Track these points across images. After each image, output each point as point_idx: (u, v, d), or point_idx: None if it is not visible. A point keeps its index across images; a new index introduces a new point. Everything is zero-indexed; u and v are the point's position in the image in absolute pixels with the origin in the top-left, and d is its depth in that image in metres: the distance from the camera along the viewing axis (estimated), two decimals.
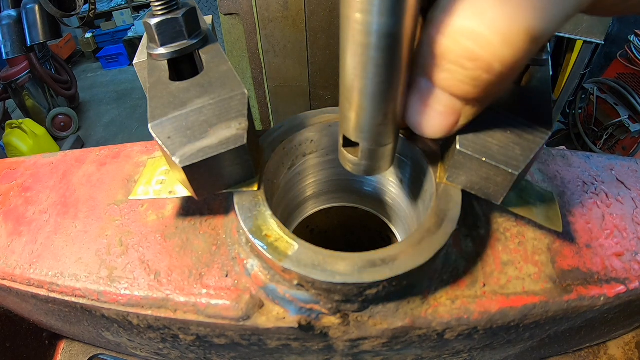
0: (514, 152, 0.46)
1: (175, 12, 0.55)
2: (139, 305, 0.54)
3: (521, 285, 0.53)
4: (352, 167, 0.49)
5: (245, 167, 0.51)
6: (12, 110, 5.04)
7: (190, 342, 0.60)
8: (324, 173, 0.74)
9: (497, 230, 0.58)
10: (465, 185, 0.51)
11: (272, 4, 1.63)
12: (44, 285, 0.58)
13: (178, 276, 0.55)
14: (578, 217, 0.61)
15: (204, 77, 0.54)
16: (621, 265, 0.56)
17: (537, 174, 0.68)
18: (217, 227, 0.59)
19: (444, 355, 0.67)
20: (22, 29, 2.73)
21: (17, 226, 0.66)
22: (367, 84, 0.36)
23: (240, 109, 0.50)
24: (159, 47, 0.56)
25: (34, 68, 4.47)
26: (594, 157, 0.71)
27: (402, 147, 0.62)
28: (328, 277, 0.44)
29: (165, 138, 0.48)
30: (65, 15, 2.34)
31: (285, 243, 0.47)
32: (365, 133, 0.42)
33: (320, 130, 0.64)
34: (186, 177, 0.48)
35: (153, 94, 0.52)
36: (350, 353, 0.59)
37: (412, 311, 0.50)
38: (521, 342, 0.66)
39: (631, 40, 3.21)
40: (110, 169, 0.72)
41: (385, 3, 0.30)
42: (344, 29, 0.33)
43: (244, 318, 0.51)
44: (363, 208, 0.84)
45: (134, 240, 0.60)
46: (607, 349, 0.86)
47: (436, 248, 0.46)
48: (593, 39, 2.27)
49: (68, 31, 6.34)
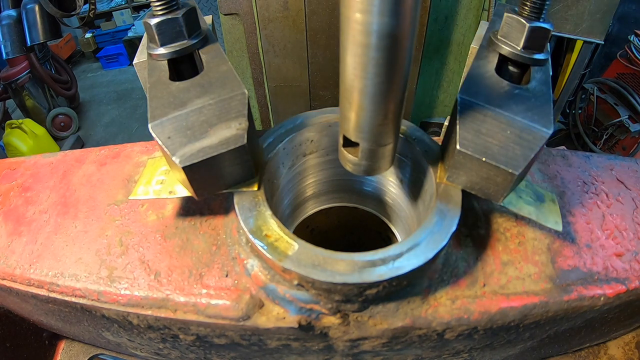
0: (514, 152, 0.46)
1: (175, 12, 0.54)
2: (139, 305, 0.54)
3: (521, 285, 0.53)
4: (352, 167, 0.49)
5: (245, 167, 0.51)
6: (12, 110, 5.04)
7: (190, 342, 0.60)
8: (324, 173, 0.74)
9: (497, 230, 0.58)
10: (466, 185, 0.51)
11: (272, 4, 1.63)
12: (44, 285, 0.58)
13: (178, 276, 0.55)
14: (578, 217, 0.61)
15: (204, 77, 0.54)
16: (621, 265, 0.56)
17: (537, 174, 0.68)
18: (217, 227, 0.59)
19: (444, 355, 0.67)
20: (22, 29, 2.73)
21: (17, 226, 0.66)
22: (367, 84, 0.36)
23: (240, 109, 0.50)
24: (159, 47, 0.56)
25: (34, 68, 4.46)
26: (594, 157, 0.71)
27: (402, 147, 0.62)
28: (328, 277, 0.44)
29: (165, 138, 0.48)
30: (65, 15, 2.34)
31: (285, 243, 0.47)
32: (365, 133, 0.42)
33: (320, 130, 0.64)
34: (186, 177, 0.48)
35: (153, 94, 0.52)
36: (350, 353, 0.59)
37: (412, 311, 0.50)
38: (521, 342, 0.66)
39: (631, 40, 3.21)
40: (110, 169, 0.72)
41: (385, 3, 0.30)
42: (344, 29, 0.33)
43: (244, 318, 0.51)
44: (363, 208, 0.84)
45: (134, 240, 0.60)
46: (607, 349, 0.86)
47: (436, 248, 0.46)
48: (593, 39, 2.27)
49: (68, 31, 6.34)
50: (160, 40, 0.55)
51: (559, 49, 2.86)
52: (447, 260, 0.54)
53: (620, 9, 3.11)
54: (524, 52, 0.56)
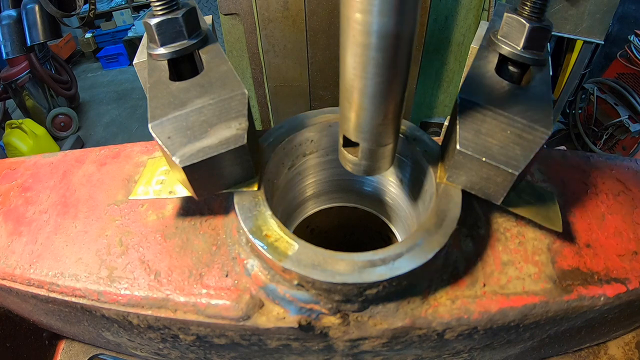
0: (514, 152, 0.46)
1: (175, 12, 0.54)
2: (139, 305, 0.54)
3: (521, 285, 0.53)
4: (352, 167, 0.49)
5: (245, 167, 0.51)
6: (12, 110, 5.04)
7: (190, 342, 0.60)
8: (324, 173, 0.74)
9: (497, 230, 0.58)
10: (465, 185, 0.51)
11: (272, 4, 1.63)
12: (44, 285, 0.58)
13: (178, 276, 0.55)
14: (578, 217, 0.61)
15: (204, 77, 0.54)
16: (621, 265, 0.56)
17: (537, 174, 0.68)
18: (217, 227, 0.59)
19: (444, 355, 0.67)
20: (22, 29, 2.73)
21: (17, 226, 0.66)
22: (367, 84, 0.36)
23: (240, 109, 0.50)
24: (159, 47, 0.56)
25: (34, 68, 4.46)
26: (594, 157, 0.71)
27: (402, 147, 0.62)
28: (328, 277, 0.44)
29: (165, 138, 0.48)
30: (65, 15, 2.34)
31: (285, 243, 0.47)
32: (365, 133, 0.42)
33: (320, 130, 0.64)
34: (186, 177, 0.48)
35: (153, 94, 0.52)
36: (350, 353, 0.59)
37: (412, 311, 0.50)
38: (521, 342, 0.66)
39: (631, 40, 3.21)
40: (110, 169, 0.72)
41: (385, 3, 0.30)
42: (344, 29, 0.33)
43: (244, 318, 0.51)
44: (363, 208, 0.84)
45: (134, 240, 0.60)
46: (607, 349, 0.86)
47: (436, 248, 0.46)
48: (593, 39, 2.26)
49: (68, 31, 6.34)
50: (160, 40, 0.55)
51: (559, 49, 2.86)
52: (447, 260, 0.54)
53: (620, 9, 3.11)
54: (524, 52, 0.56)
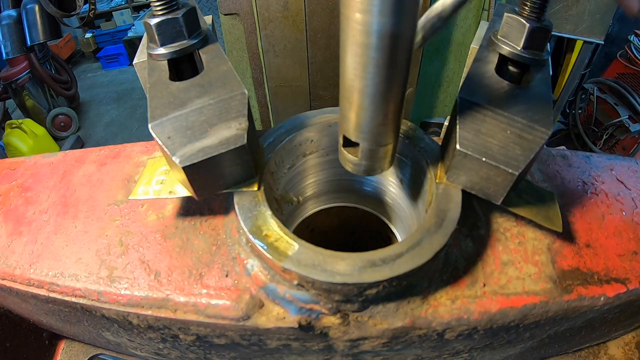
0: (514, 152, 0.46)
1: (175, 12, 0.54)
2: (139, 305, 0.54)
3: (521, 285, 0.53)
4: (352, 167, 0.49)
5: (245, 167, 0.51)
6: (12, 110, 5.04)
7: (190, 342, 0.60)
8: (324, 173, 0.74)
9: (497, 230, 0.58)
10: (465, 185, 0.51)
11: (272, 4, 1.63)
12: (44, 285, 0.58)
13: (178, 276, 0.55)
14: (578, 217, 0.61)
15: (204, 77, 0.54)
16: (621, 265, 0.56)
17: (537, 174, 0.68)
18: (217, 227, 0.59)
19: (444, 355, 0.67)
20: (22, 29, 2.74)
21: (17, 226, 0.66)
22: (367, 84, 0.36)
23: (240, 109, 0.50)
24: (159, 47, 0.56)
25: (34, 68, 4.46)
26: (594, 157, 0.71)
27: (402, 147, 0.62)
28: (328, 277, 0.44)
29: (165, 138, 0.48)
30: (65, 15, 2.34)
31: (285, 243, 0.47)
32: (365, 133, 0.42)
33: (320, 130, 0.64)
34: (186, 177, 0.48)
35: (153, 94, 0.52)
36: (350, 353, 0.59)
37: (412, 311, 0.50)
38: (521, 342, 0.66)
39: (631, 40, 3.21)
40: (110, 169, 0.72)
41: (385, 3, 0.30)
42: (344, 29, 0.33)
43: (244, 318, 0.51)
44: (363, 208, 0.84)
45: (134, 240, 0.60)
46: (607, 349, 0.86)
47: (436, 248, 0.46)
48: (593, 39, 2.27)
49: (68, 31, 6.34)
50: (160, 40, 0.55)
51: (559, 49, 2.86)
52: (447, 260, 0.54)
53: (620, 9, 3.10)
54: (524, 52, 0.56)
